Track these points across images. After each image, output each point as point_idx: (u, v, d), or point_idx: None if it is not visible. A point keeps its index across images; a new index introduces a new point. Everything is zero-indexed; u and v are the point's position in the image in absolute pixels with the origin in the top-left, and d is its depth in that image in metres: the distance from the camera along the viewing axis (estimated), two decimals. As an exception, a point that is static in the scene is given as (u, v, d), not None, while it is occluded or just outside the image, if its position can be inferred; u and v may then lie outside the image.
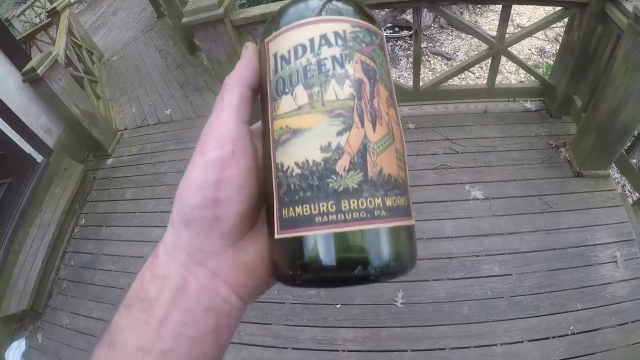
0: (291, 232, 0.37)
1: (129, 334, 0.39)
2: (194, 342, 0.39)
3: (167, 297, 0.40)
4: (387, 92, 0.42)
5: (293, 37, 0.40)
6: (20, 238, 4.38)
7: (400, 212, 0.39)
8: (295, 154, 0.37)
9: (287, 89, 0.39)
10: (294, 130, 0.38)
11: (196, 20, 3.38)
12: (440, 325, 2.89)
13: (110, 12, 11.24)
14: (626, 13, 2.65)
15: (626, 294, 2.79)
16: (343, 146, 0.37)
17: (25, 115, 4.75)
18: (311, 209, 0.36)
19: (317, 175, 0.36)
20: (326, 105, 0.38)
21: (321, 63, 0.39)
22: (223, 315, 0.41)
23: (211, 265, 0.41)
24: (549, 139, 3.65)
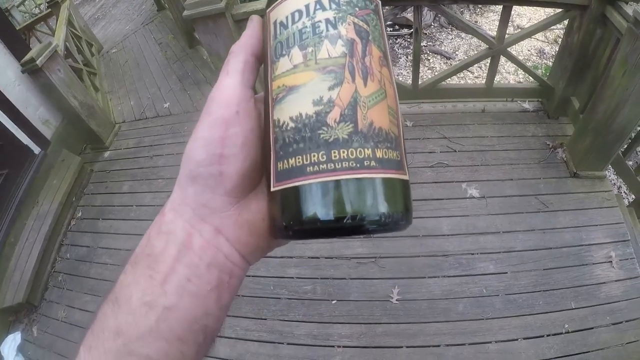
0: (285, 184, 0.38)
1: (133, 289, 0.40)
2: (197, 299, 0.40)
3: (172, 252, 0.41)
4: (380, 52, 0.42)
5: (290, 5, 0.42)
6: (17, 230, 4.37)
7: (392, 164, 0.39)
8: (290, 109, 0.39)
9: (284, 51, 0.41)
10: (289, 87, 0.39)
11: (197, 14, 3.38)
12: (435, 322, 2.91)
13: (111, 4, 11.19)
14: (626, 17, 2.68)
15: (621, 294, 2.82)
16: (334, 99, 0.38)
17: (23, 106, 4.74)
18: (303, 160, 0.37)
19: (309, 127, 0.37)
20: (319, 63, 0.39)
21: (315, 25, 0.40)
22: (225, 273, 0.42)
23: (215, 222, 0.42)
24: (546, 140, 3.67)
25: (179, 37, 7.02)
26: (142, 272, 0.41)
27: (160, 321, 0.39)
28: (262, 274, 3.38)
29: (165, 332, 0.39)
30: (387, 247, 3.30)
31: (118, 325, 0.39)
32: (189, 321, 0.40)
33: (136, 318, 0.39)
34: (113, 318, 0.40)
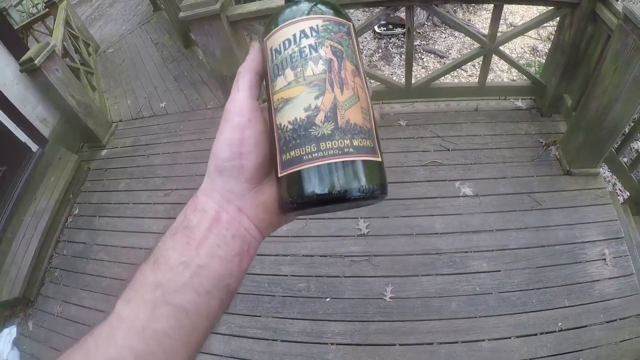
0: (288, 170, 0.50)
1: (172, 253, 0.51)
2: (223, 261, 0.52)
3: (205, 224, 0.53)
4: (353, 66, 0.54)
5: (282, 35, 0.54)
6: (14, 226, 4.40)
7: (366, 150, 0.50)
8: (288, 115, 0.51)
9: (280, 72, 0.53)
10: (286, 99, 0.51)
11: (193, 16, 3.40)
12: (429, 320, 2.92)
13: (107, 4, 11.20)
14: (616, 13, 2.70)
15: (614, 292, 2.82)
16: (319, 106, 0.50)
17: (21, 105, 4.77)
18: (300, 151, 0.49)
19: (303, 127, 0.50)
20: (306, 79, 0.51)
21: (302, 50, 0.52)
22: (245, 243, 0.55)
23: (238, 203, 0.55)
24: (539, 137, 3.68)
25: (175, 37, 7.04)
26: (180, 239, 0.52)
27: (194, 277, 0.50)
28: (257, 271, 3.39)
29: (197, 286, 0.50)
30: (381, 245, 3.31)
31: (157, 280, 0.49)
32: (216, 279, 0.51)
33: (174, 274, 0.50)
34: (152, 275, 0.50)
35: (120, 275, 3.86)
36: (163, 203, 4.30)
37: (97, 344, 0.47)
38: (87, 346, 0.47)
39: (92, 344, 0.47)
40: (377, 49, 6.79)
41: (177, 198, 4.29)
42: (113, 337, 0.47)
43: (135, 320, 0.47)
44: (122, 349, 0.46)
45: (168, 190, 4.40)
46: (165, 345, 0.47)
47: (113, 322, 0.48)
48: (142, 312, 0.48)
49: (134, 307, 0.48)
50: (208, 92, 5.60)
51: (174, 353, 0.48)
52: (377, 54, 6.70)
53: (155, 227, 4.11)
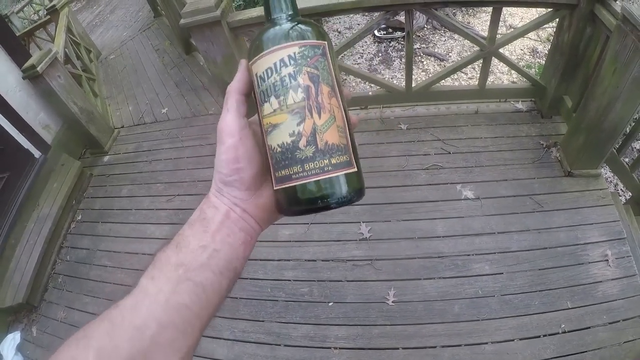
0: (281, 185, 0.60)
1: (191, 239, 0.61)
2: (232, 248, 0.63)
3: (218, 218, 0.63)
4: (329, 87, 0.60)
5: (264, 62, 0.60)
6: (17, 232, 4.41)
7: (342, 165, 0.59)
8: (276, 139, 0.59)
9: (266, 99, 0.60)
10: (273, 124, 0.59)
11: (194, 22, 3.41)
12: (431, 324, 2.92)
13: (108, 11, 11.23)
14: (614, 14, 2.70)
15: (617, 293, 2.82)
16: (301, 132, 0.57)
17: (24, 112, 4.79)
18: (289, 171, 0.58)
19: (290, 151, 0.58)
20: (289, 107, 0.58)
21: (283, 79, 0.59)
22: (248, 235, 0.65)
23: (243, 206, 0.65)
24: (540, 139, 3.68)
25: (176, 43, 7.06)
26: (198, 228, 0.63)
27: (211, 259, 0.60)
28: (260, 276, 3.40)
29: (213, 267, 0.60)
30: (383, 249, 3.31)
31: (180, 261, 0.58)
32: (227, 261, 0.62)
33: (194, 256, 0.59)
34: (175, 256, 0.59)
35: (124, 281, 3.86)
36: (165, 209, 4.31)
37: (122, 315, 0.54)
38: (112, 317, 0.54)
39: (118, 315, 0.54)
40: (377, 53, 6.80)
41: (179, 204, 4.30)
42: (138, 308, 0.54)
43: (160, 294, 0.56)
44: (147, 318, 0.53)
45: (170, 196, 4.41)
46: (184, 316, 0.56)
47: (138, 296, 0.56)
48: (166, 287, 0.56)
49: (158, 283, 0.57)
50: (209, 98, 5.60)
51: (191, 323, 0.57)
52: (377, 58, 6.71)
53: (158, 232, 4.12)
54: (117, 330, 0.52)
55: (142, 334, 0.52)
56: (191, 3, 3.46)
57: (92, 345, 0.51)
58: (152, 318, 0.53)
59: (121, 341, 0.51)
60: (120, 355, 0.51)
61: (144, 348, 0.52)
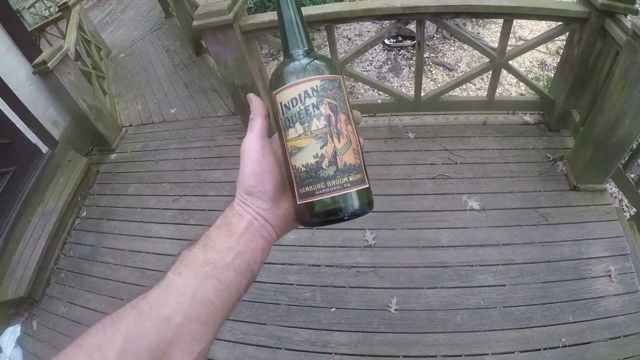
0: (305, 200, 0.66)
1: (217, 241, 0.66)
2: (253, 252, 0.68)
3: (243, 225, 0.68)
4: (345, 116, 0.68)
5: (289, 93, 0.67)
6: (22, 226, 4.43)
7: (358, 182, 0.66)
8: (301, 160, 0.65)
9: (291, 125, 0.66)
10: (298, 147, 0.66)
11: (206, 24, 3.43)
12: (433, 333, 2.92)
13: (119, 10, 11.29)
14: (625, 30, 2.71)
15: (619, 308, 2.81)
16: (324, 154, 0.65)
17: (33, 106, 4.81)
18: (313, 188, 0.65)
19: (313, 170, 0.64)
20: (313, 133, 0.65)
21: (307, 109, 0.66)
22: (267, 242, 0.71)
23: (265, 216, 0.70)
24: (547, 152, 3.68)
25: (186, 44, 7.08)
26: (224, 232, 0.68)
27: (235, 259, 0.65)
28: (263, 279, 3.40)
29: (236, 267, 0.65)
30: (387, 257, 3.32)
31: (206, 259, 0.63)
32: (247, 264, 0.67)
33: (220, 256, 0.64)
34: (202, 255, 0.64)
35: (127, 278, 3.87)
36: (171, 209, 4.32)
37: (150, 304, 0.58)
38: (140, 306, 0.58)
39: (146, 304, 0.58)
40: (386, 61, 6.81)
41: (185, 204, 4.31)
42: (166, 299, 0.59)
43: (187, 288, 0.60)
44: (174, 309, 0.58)
45: (176, 196, 4.42)
46: (208, 309, 0.61)
47: (166, 289, 0.60)
48: (193, 281, 0.61)
49: (186, 278, 0.61)
50: (218, 100, 5.62)
51: (213, 316, 0.62)
52: (386, 66, 6.72)
53: (163, 232, 4.13)
54: (144, 318, 0.56)
55: (169, 324, 0.57)
56: (204, 5, 3.49)
57: (120, 331, 0.54)
58: (179, 309, 0.58)
59: (148, 329, 0.55)
60: (147, 342, 0.54)
61: (170, 337, 0.56)
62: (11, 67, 4.62)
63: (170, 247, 3.94)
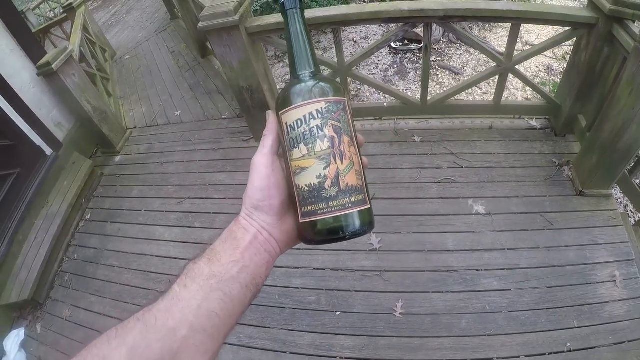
0: (307, 219, 0.68)
1: (223, 254, 0.67)
2: (257, 266, 0.69)
3: (248, 239, 0.69)
4: (349, 138, 0.70)
5: (294, 115, 0.69)
6: (26, 229, 4.43)
7: (359, 203, 0.68)
8: (304, 180, 0.68)
9: (296, 145, 0.68)
10: (302, 167, 0.68)
11: (212, 26, 3.43)
12: (438, 337, 2.91)
13: (125, 11, 11.33)
14: (633, 36, 2.70)
15: (624, 314, 2.80)
16: (327, 174, 0.67)
17: (37, 108, 4.82)
18: (315, 207, 0.67)
19: (316, 190, 0.67)
20: (316, 154, 0.67)
21: (311, 130, 0.67)
22: (271, 256, 0.72)
23: (270, 230, 0.72)
24: (553, 157, 3.68)
25: (192, 46, 7.11)
26: (229, 246, 0.69)
27: (240, 273, 0.66)
28: (268, 283, 3.34)
29: (241, 280, 0.66)
30: (392, 261, 3.31)
31: (212, 272, 0.64)
32: (252, 277, 0.68)
33: (225, 269, 0.65)
34: (208, 268, 0.65)
35: (131, 281, 3.87)
36: (175, 211, 4.32)
37: (156, 317, 0.58)
38: (145, 318, 0.58)
39: (151, 317, 0.58)
40: (392, 64, 6.81)
41: (189, 207, 4.31)
42: (171, 311, 0.59)
43: (192, 300, 0.61)
44: (180, 321, 0.58)
45: (181, 199, 4.42)
46: (213, 322, 0.61)
47: (172, 301, 0.61)
48: (198, 294, 0.62)
49: (191, 290, 0.62)
50: (223, 102, 5.63)
51: (219, 329, 0.62)
52: (392, 69, 6.71)
53: (167, 235, 4.13)
54: (150, 331, 0.57)
55: (174, 335, 0.57)
56: (210, 7, 3.49)
57: (126, 343, 0.55)
58: (185, 321, 0.59)
59: (154, 341, 0.56)
60: (152, 354, 0.55)
61: (175, 348, 0.57)
62: (15, 69, 4.63)
63: (175, 250, 3.95)
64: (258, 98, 4.09)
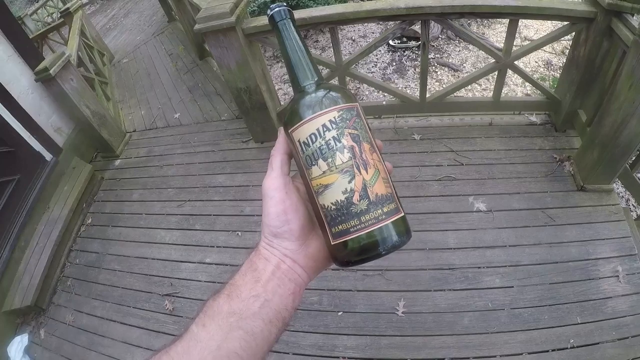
0: (339, 240, 0.63)
1: (243, 288, 0.63)
2: (282, 298, 0.64)
3: (270, 269, 0.65)
4: (369, 144, 0.66)
5: (306, 130, 0.64)
6: (27, 234, 4.43)
7: (393, 212, 0.63)
8: (329, 198, 0.62)
9: (313, 162, 0.63)
10: (325, 185, 0.63)
11: (208, 28, 3.43)
12: (440, 335, 2.90)
13: (122, 15, 11.35)
14: (632, 29, 2.69)
15: (627, 309, 2.79)
16: (353, 188, 0.61)
17: (36, 114, 4.82)
18: (346, 225, 0.61)
19: (345, 207, 0.61)
20: (338, 168, 0.62)
21: (328, 143, 0.63)
22: (297, 285, 0.67)
23: (293, 257, 0.67)
24: (553, 153, 3.67)
25: (190, 48, 7.11)
26: (250, 279, 0.65)
27: (262, 308, 0.61)
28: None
29: (264, 316, 0.61)
30: (394, 260, 3.30)
31: (232, 309, 0.61)
32: (277, 311, 0.63)
33: (246, 305, 0.61)
34: (227, 305, 0.61)
35: (133, 285, 3.87)
36: (176, 214, 4.32)
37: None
38: None
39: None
40: (391, 62, 6.80)
41: (190, 209, 4.31)
42: (189, 353, 0.57)
43: (211, 341, 0.58)
44: None
45: (181, 202, 4.42)
46: None
47: (190, 342, 0.58)
48: (217, 334, 0.58)
49: (210, 330, 0.59)
50: (222, 104, 5.63)
51: None
52: (391, 67, 6.71)
53: (168, 238, 4.13)
54: None
55: None
56: (206, 9, 3.49)
57: None
58: None
59: None
60: None
61: None
62: (13, 75, 4.64)
63: (176, 253, 3.94)
64: (256, 99, 4.09)
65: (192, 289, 3.64)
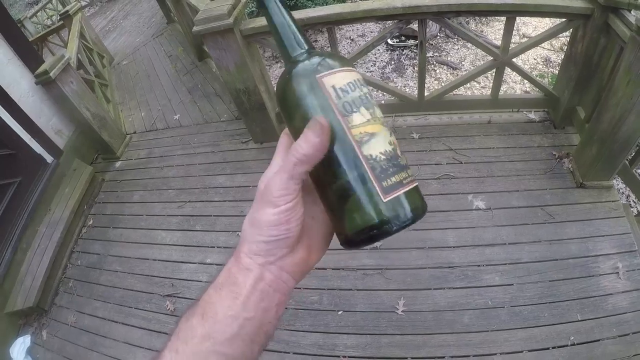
0: (393, 194, 0.56)
1: (219, 307, 0.56)
2: (266, 311, 0.58)
3: (250, 282, 0.57)
4: None
5: (344, 77, 0.60)
6: (29, 236, 4.44)
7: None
8: (377, 147, 0.57)
9: (355, 109, 0.58)
10: (370, 133, 0.57)
11: (206, 30, 3.44)
12: (440, 334, 2.90)
13: (121, 17, 11.35)
14: (629, 25, 2.69)
15: (627, 305, 2.79)
16: (394, 142, 0.59)
17: (37, 117, 4.83)
18: (399, 177, 0.56)
19: (393, 157, 0.57)
20: (380, 119, 0.59)
21: (366, 95, 0.60)
22: (283, 294, 0.60)
23: (279, 263, 0.59)
24: (552, 150, 3.67)
25: (189, 49, 7.11)
26: (227, 295, 0.57)
27: (242, 328, 0.55)
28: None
29: (244, 336, 0.55)
30: (394, 258, 3.31)
31: (206, 332, 0.54)
32: (259, 327, 0.57)
33: (223, 326, 0.54)
34: (201, 327, 0.55)
35: (134, 286, 3.89)
36: (176, 215, 4.33)
37: None
38: None
39: None
40: (389, 61, 6.81)
41: (190, 210, 4.32)
42: None
43: None
44: None
45: (182, 203, 4.43)
46: None
47: None
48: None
49: (183, 357, 0.54)
50: (222, 105, 5.64)
51: None
52: (390, 66, 6.72)
53: (169, 239, 4.13)
54: None
55: None
56: (204, 10, 3.49)
57: None
58: None
59: None
60: None
61: None
62: (14, 78, 4.65)
63: (177, 254, 3.96)
64: (255, 100, 4.10)
65: (193, 290, 3.65)
